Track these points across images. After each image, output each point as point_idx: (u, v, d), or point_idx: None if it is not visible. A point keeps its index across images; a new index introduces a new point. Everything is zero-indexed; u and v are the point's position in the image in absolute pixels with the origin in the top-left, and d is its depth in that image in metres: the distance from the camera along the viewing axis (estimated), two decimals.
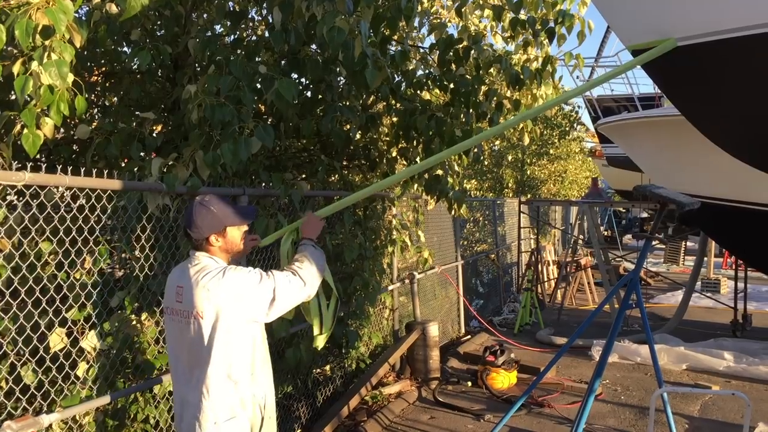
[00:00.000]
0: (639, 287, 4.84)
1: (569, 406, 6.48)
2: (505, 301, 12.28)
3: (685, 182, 8.17)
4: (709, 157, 7.89)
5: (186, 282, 2.88)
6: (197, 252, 2.98)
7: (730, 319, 10.01)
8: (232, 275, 2.85)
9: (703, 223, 9.02)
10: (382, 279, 6.80)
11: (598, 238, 10.54)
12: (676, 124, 8.36)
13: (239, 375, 2.87)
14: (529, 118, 5.33)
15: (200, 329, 2.81)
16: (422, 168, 4.88)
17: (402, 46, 4.97)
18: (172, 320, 2.94)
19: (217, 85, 3.95)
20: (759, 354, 8.08)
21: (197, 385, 2.83)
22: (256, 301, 2.88)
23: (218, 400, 2.82)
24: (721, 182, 7.65)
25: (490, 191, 17.33)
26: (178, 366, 2.95)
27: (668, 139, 8.48)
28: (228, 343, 2.83)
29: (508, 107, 5.73)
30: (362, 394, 6.21)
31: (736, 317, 9.83)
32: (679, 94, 4.99)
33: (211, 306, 2.80)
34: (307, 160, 5.86)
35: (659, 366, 4.72)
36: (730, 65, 4.49)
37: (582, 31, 5.44)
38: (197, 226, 2.93)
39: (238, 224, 3.04)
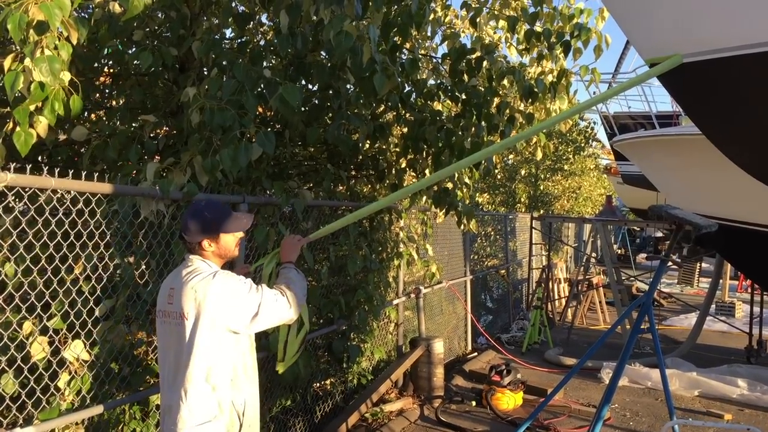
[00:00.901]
0: (651, 310, 4.67)
1: (575, 430, 6.27)
2: (514, 318, 12.06)
3: (701, 203, 7.96)
4: (727, 178, 7.69)
5: (177, 284, 2.89)
6: (191, 255, 2.99)
7: (744, 344, 9.76)
8: (222, 279, 2.87)
9: (719, 245, 8.79)
10: (387, 292, 6.64)
11: (611, 257, 10.32)
12: (693, 143, 8.16)
13: (217, 379, 2.85)
14: (540, 131, 5.18)
15: (184, 330, 2.82)
16: (431, 182, 4.73)
17: (413, 54, 4.83)
18: (163, 323, 2.93)
19: (219, 88, 3.83)
20: None
21: (178, 390, 2.82)
22: (240, 311, 2.88)
23: (195, 403, 2.81)
24: (739, 204, 7.45)
25: (502, 205, 17.12)
26: (165, 371, 2.94)
27: (685, 158, 8.29)
28: (208, 345, 2.82)
29: (520, 121, 5.57)
30: (362, 411, 6.04)
31: (751, 343, 9.57)
32: (695, 110, 4.84)
33: (195, 306, 2.81)
34: (314, 168, 5.73)
35: (670, 394, 4.53)
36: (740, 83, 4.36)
37: (599, 46, 5.29)
38: (191, 230, 2.96)
39: (232, 231, 3.04)
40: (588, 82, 5.23)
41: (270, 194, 4.57)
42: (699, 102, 4.56)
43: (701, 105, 4.60)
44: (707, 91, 4.43)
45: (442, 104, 5.96)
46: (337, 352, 5.59)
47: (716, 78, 4.33)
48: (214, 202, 3.08)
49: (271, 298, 2.96)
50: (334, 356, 5.69)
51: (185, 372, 2.80)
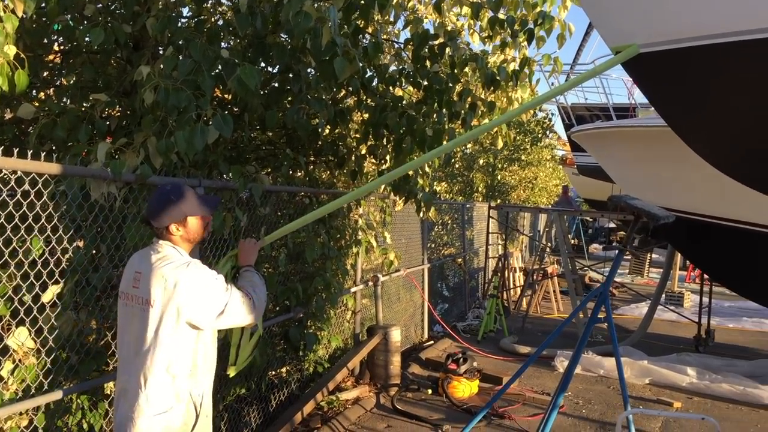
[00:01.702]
0: (608, 300, 4.70)
1: (530, 418, 6.31)
2: (470, 306, 12.13)
3: (655, 194, 8.08)
4: (682, 171, 7.83)
5: (145, 268, 2.85)
6: (160, 240, 2.95)
7: (693, 333, 9.98)
8: (195, 272, 2.84)
9: (671, 236, 8.96)
10: (345, 280, 6.57)
11: (567, 247, 10.43)
12: (649, 135, 8.28)
13: (178, 369, 2.83)
14: (507, 121, 5.16)
15: (148, 317, 2.79)
16: (397, 175, 4.66)
17: (375, 38, 4.75)
18: (126, 305, 2.90)
19: (174, 68, 3.69)
20: (721, 371, 8.02)
21: (136, 374, 2.80)
22: (207, 307, 2.84)
23: (153, 392, 2.79)
24: (693, 197, 7.58)
25: (460, 194, 17.19)
26: (123, 352, 2.92)
27: (641, 150, 8.40)
28: (171, 336, 2.80)
29: (482, 109, 5.54)
30: (318, 400, 5.97)
31: (700, 332, 9.79)
32: (655, 100, 4.89)
33: (164, 295, 2.78)
34: (272, 153, 5.61)
35: (626, 384, 4.58)
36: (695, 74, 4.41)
37: (562, 34, 5.28)
38: (157, 214, 2.92)
39: (199, 214, 2.99)
40: (550, 71, 5.24)
41: (227, 178, 4.44)
42: (658, 92, 4.59)
43: (660, 95, 4.64)
44: (664, 81, 4.46)
45: (403, 90, 5.88)
46: (294, 340, 5.51)
47: (672, 68, 4.36)
48: (180, 186, 3.01)
49: (239, 298, 2.94)
50: (291, 344, 5.60)
51: (145, 359, 2.78)
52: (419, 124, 4.92)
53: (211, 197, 3.25)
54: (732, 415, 6.67)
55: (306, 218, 3.76)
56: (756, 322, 12.18)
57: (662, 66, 4.18)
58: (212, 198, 3.23)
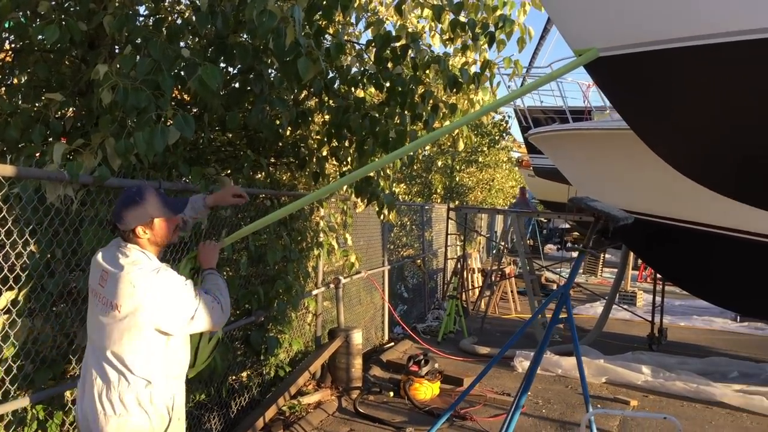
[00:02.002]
0: (569, 301, 4.75)
1: (492, 419, 6.35)
2: (430, 307, 12.16)
3: (611, 196, 8.22)
4: (637, 173, 7.98)
5: (112, 269, 2.80)
6: (128, 243, 2.89)
7: (646, 332, 10.19)
8: (165, 279, 2.81)
9: (626, 236, 9.13)
10: (306, 283, 6.51)
11: (525, 248, 10.54)
12: (605, 138, 8.42)
13: (150, 373, 2.80)
14: (468, 122, 5.18)
15: (116, 321, 2.75)
16: (360, 176, 4.65)
17: (337, 39, 4.72)
18: (91, 302, 2.89)
19: (132, 67, 3.60)
20: (675, 369, 8.20)
21: (106, 373, 2.77)
22: (177, 313, 2.80)
23: (126, 394, 2.76)
24: (648, 198, 7.73)
25: (418, 196, 17.25)
26: (89, 346, 2.90)
27: (597, 152, 8.54)
28: (141, 340, 2.77)
29: (443, 111, 5.55)
30: (279, 404, 5.90)
31: (653, 330, 10.00)
32: (615, 102, 4.98)
33: (132, 303, 2.74)
34: (233, 155, 5.52)
35: (587, 384, 4.63)
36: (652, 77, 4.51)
37: (522, 38, 5.33)
38: (123, 217, 2.86)
39: (165, 216, 2.94)
40: (510, 74, 5.28)
41: (187, 180, 4.35)
42: (618, 95, 4.68)
43: (620, 98, 4.73)
44: (623, 84, 4.55)
45: (366, 92, 5.86)
46: (255, 344, 5.43)
47: (630, 72, 4.45)
48: (146, 188, 2.95)
49: (209, 304, 2.90)
50: (252, 348, 5.53)
51: (116, 361, 2.75)
52: (382, 126, 4.91)
53: (179, 199, 3.19)
54: (687, 413, 6.82)
55: (266, 219, 3.71)
56: (706, 320, 12.50)
57: (621, 70, 4.25)
58: (180, 200, 3.18)
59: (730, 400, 7.07)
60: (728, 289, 8.21)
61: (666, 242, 8.05)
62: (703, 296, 9.05)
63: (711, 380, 7.70)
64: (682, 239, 7.66)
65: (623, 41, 4.25)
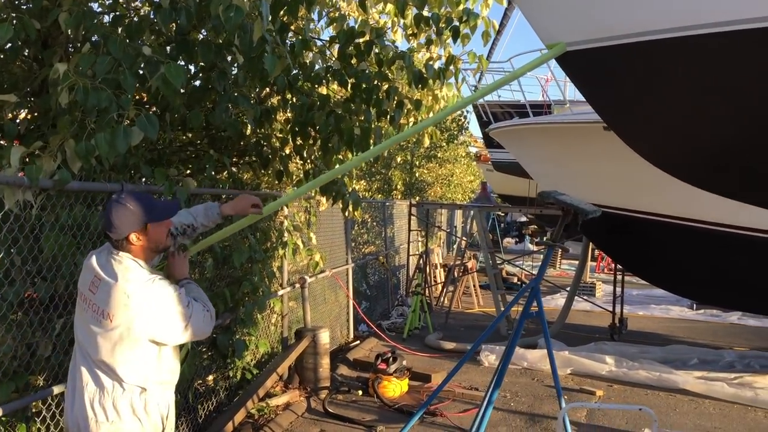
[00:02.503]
0: (540, 294, 4.77)
1: (461, 414, 6.36)
2: (394, 304, 12.15)
3: (573, 189, 8.31)
4: (598, 165, 8.09)
5: (106, 277, 2.72)
6: (120, 251, 2.80)
7: (606, 322, 10.35)
8: (160, 290, 2.75)
9: (587, 229, 9.24)
10: (271, 283, 6.41)
11: (487, 243, 10.60)
12: (566, 131, 8.51)
13: (145, 380, 2.76)
14: (437, 121, 5.16)
15: (107, 331, 2.69)
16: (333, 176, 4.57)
17: (302, 35, 4.64)
18: (80, 306, 2.82)
19: (92, 66, 3.46)
20: (637, 358, 8.34)
21: (99, 379, 2.72)
22: (172, 325, 2.75)
23: (120, 400, 2.71)
24: (609, 190, 7.84)
25: (378, 192, 17.23)
26: (80, 347, 2.81)
27: (559, 146, 8.62)
28: (134, 350, 2.72)
29: (408, 107, 5.51)
30: (248, 407, 5.80)
31: (614, 321, 10.15)
32: (586, 95, 5.02)
33: (127, 315, 2.68)
34: (194, 155, 5.39)
35: (558, 377, 4.66)
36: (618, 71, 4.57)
37: (486, 32, 5.32)
38: (115, 226, 2.77)
39: (159, 220, 2.86)
40: (475, 69, 5.27)
41: (149, 182, 4.23)
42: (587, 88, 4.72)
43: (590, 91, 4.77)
44: (592, 78, 4.59)
45: (328, 88, 5.79)
46: (222, 347, 5.32)
47: (598, 66, 4.49)
48: (135, 193, 2.88)
49: (199, 312, 2.84)
50: (219, 351, 5.41)
51: (110, 370, 2.70)
52: (347, 123, 4.85)
53: (170, 202, 3.14)
54: (651, 401, 6.93)
55: (235, 226, 3.62)
56: (663, 309, 12.78)
57: (589, 64, 4.29)
58: (171, 203, 3.10)
59: (692, 387, 7.21)
60: (686, 278, 8.38)
61: (626, 234, 8.17)
62: (662, 286, 9.23)
63: (672, 368, 7.86)
64: (641, 230, 7.78)
65: (590, 36, 4.29)
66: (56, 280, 3.54)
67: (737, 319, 11.79)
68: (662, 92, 4.55)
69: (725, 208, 6.18)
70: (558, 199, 4.35)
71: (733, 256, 7.07)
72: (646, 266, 8.71)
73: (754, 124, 4.32)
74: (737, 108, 4.30)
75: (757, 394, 6.86)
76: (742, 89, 4.14)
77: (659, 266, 8.39)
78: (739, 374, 7.74)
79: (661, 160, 5.45)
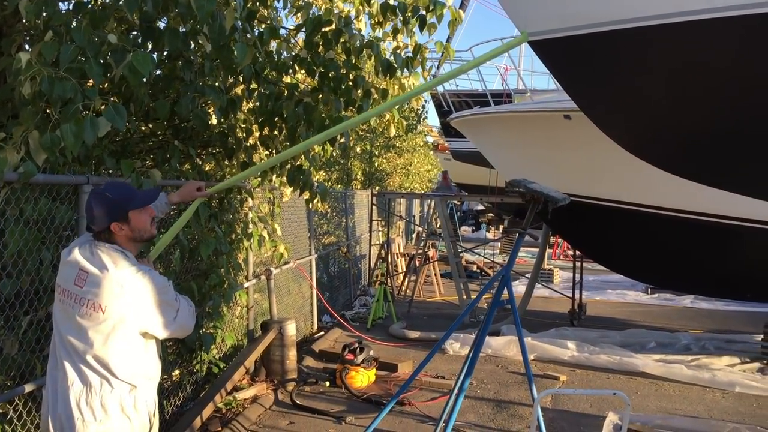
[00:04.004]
0: (510, 282, 4.82)
1: (429, 402, 6.40)
2: (356, 294, 12.14)
3: (534, 177, 8.42)
4: (559, 153, 8.20)
5: (94, 269, 2.66)
6: (106, 243, 2.75)
7: (565, 308, 10.51)
8: (151, 278, 2.72)
9: (547, 216, 9.38)
10: (237, 275, 6.33)
11: (449, 231, 10.66)
12: (527, 120, 8.60)
13: (134, 376, 2.71)
14: (400, 103, 5.16)
15: (100, 323, 2.63)
16: (286, 157, 4.57)
17: (271, 23, 4.56)
18: (61, 301, 2.73)
19: (55, 54, 3.34)
20: (597, 343, 8.51)
21: (87, 377, 2.64)
22: (162, 315, 2.73)
23: (109, 398, 2.65)
24: (570, 178, 7.96)
25: (338, 183, 17.16)
26: (59, 352, 2.72)
27: (520, 134, 8.71)
28: (125, 342, 2.68)
29: (375, 96, 5.48)
30: (216, 402, 5.73)
31: (574, 307, 10.32)
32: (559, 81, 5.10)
33: (120, 303, 2.64)
34: (157, 146, 5.27)
35: (530, 365, 4.72)
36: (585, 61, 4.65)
37: (453, 21, 5.32)
38: (97, 216, 2.74)
39: (140, 206, 2.80)
40: (441, 58, 5.27)
41: (116, 174, 4.12)
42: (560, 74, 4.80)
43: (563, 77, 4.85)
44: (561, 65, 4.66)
45: (293, 78, 5.71)
46: (190, 341, 5.24)
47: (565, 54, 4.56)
48: (116, 182, 2.85)
49: (185, 306, 2.82)
50: (186, 346, 5.33)
51: (94, 365, 2.63)
52: (317, 113, 4.80)
53: (151, 189, 3.10)
54: (613, 385, 7.08)
55: (184, 217, 3.54)
56: (619, 293, 13.07)
57: (553, 52, 4.35)
58: (152, 190, 3.08)
59: (652, 370, 7.40)
60: (644, 264, 8.58)
61: (587, 220, 8.31)
62: (621, 271, 9.42)
63: (632, 352, 8.04)
64: (602, 217, 7.93)
65: (551, 26, 4.35)
66: (21, 276, 3.43)
67: (690, 303, 12.15)
68: (633, 78, 4.65)
69: (685, 193, 6.34)
70: (528, 187, 4.39)
71: (690, 241, 7.27)
72: (606, 252, 8.89)
73: (722, 108, 4.45)
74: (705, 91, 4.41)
75: (714, 375, 7.07)
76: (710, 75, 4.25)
77: (619, 252, 8.56)
78: (696, 356, 7.97)
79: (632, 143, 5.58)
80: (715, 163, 5.48)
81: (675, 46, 4.18)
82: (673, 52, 4.24)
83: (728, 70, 4.37)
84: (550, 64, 4.77)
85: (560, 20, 4.10)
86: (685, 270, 8.07)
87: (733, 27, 3.97)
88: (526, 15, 4.23)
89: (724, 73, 4.37)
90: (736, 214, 6.20)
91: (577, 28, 4.13)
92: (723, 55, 4.26)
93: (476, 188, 17.37)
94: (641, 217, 7.45)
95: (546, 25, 4.10)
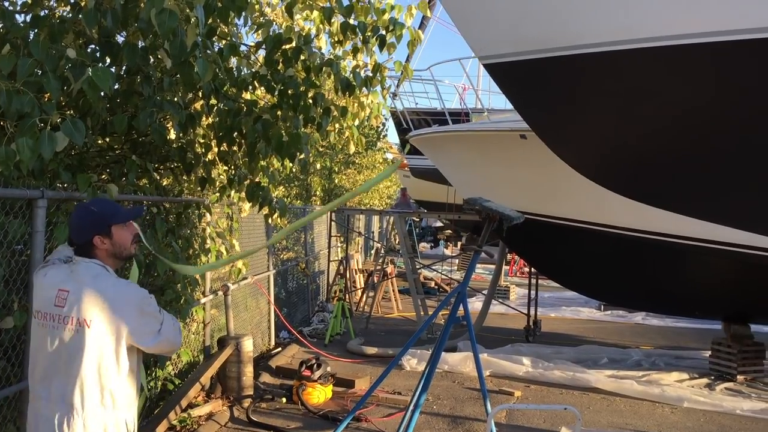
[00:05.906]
0: (466, 299, 4.91)
1: (385, 419, 6.43)
2: (314, 310, 12.12)
3: (491, 195, 8.57)
4: (515, 172, 8.36)
5: (74, 286, 2.64)
6: (85, 258, 2.74)
7: (521, 324, 10.68)
8: (136, 289, 2.78)
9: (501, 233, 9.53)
10: (194, 291, 6.29)
11: (408, 248, 10.75)
12: (485, 139, 8.76)
13: (117, 395, 2.68)
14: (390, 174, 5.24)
15: (81, 338, 2.60)
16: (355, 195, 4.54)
17: (231, 39, 4.59)
18: (42, 325, 2.68)
19: (12, 67, 3.32)
20: (552, 359, 8.67)
21: (65, 400, 2.60)
22: (148, 327, 2.71)
23: (92, 419, 2.62)
24: (526, 196, 8.12)
25: (297, 199, 17.13)
26: (38, 375, 2.70)
27: (478, 152, 8.86)
28: (112, 355, 2.65)
29: (334, 114, 5.54)
30: (170, 419, 5.66)
31: (529, 323, 10.49)
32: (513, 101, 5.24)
33: (105, 315, 2.62)
34: (114, 160, 5.23)
35: (484, 380, 4.81)
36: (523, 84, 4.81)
37: (412, 41, 5.42)
38: (80, 229, 2.78)
39: (123, 221, 2.82)
40: (401, 78, 5.37)
41: (71, 189, 4.08)
42: (513, 96, 4.94)
43: (516, 99, 5.00)
44: (519, 87, 4.81)
45: (252, 94, 5.74)
46: (145, 357, 5.16)
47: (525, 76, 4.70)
48: (102, 198, 2.91)
49: (170, 321, 2.82)
50: None
51: (77, 384, 2.59)
52: (276, 129, 4.83)
53: (136, 207, 3.16)
54: (566, 400, 7.22)
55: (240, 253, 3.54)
56: (574, 310, 13.32)
57: (517, 74, 4.49)
58: (137, 208, 3.15)
59: (604, 385, 7.56)
60: (597, 282, 8.78)
61: (540, 239, 8.48)
62: (575, 288, 9.61)
63: (585, 368, 8.21)
64: (557, 236, 8.10)
65: (504, 49, 4.49)
66: None
67: (641, 319, 12.44)
68: (585, 101, 4.81)
69: (636, 213, 6.53)
70: (484, 205, 4.50)
71: (640, 260, 7.47)
72: (560, 269, 9.07)
73: (673, 131, 4.63)
74: (655, 115, 4.59)
75: (663, 391, 7.26)
76: (661, 99, 4.43)
77: (572, 270, 8.74)
78: (647, 372, 8.18)
79: (580, 164, 5.74)
80: (659, 185, 5.67)
81: (621, 72, 4.35)
82: (620, 79, 4.41)
83: (671, 96, 4.56)
84: (503, 86, 4.91)
85: (512, 44, 4.24)
86: (636, 287, 8.29)
87: (678, 55, 4.15)
88: (480, 38, 4.36)
89: (667, 100, 4.56)
90: (681, 233, 6.41)
91: (529, 53, 4.27)
92: (662, 83, 4.44)
93: (435, 205, 17.53)
94: (593, 236, 7.64)
95: (499, 49, 4.23)
